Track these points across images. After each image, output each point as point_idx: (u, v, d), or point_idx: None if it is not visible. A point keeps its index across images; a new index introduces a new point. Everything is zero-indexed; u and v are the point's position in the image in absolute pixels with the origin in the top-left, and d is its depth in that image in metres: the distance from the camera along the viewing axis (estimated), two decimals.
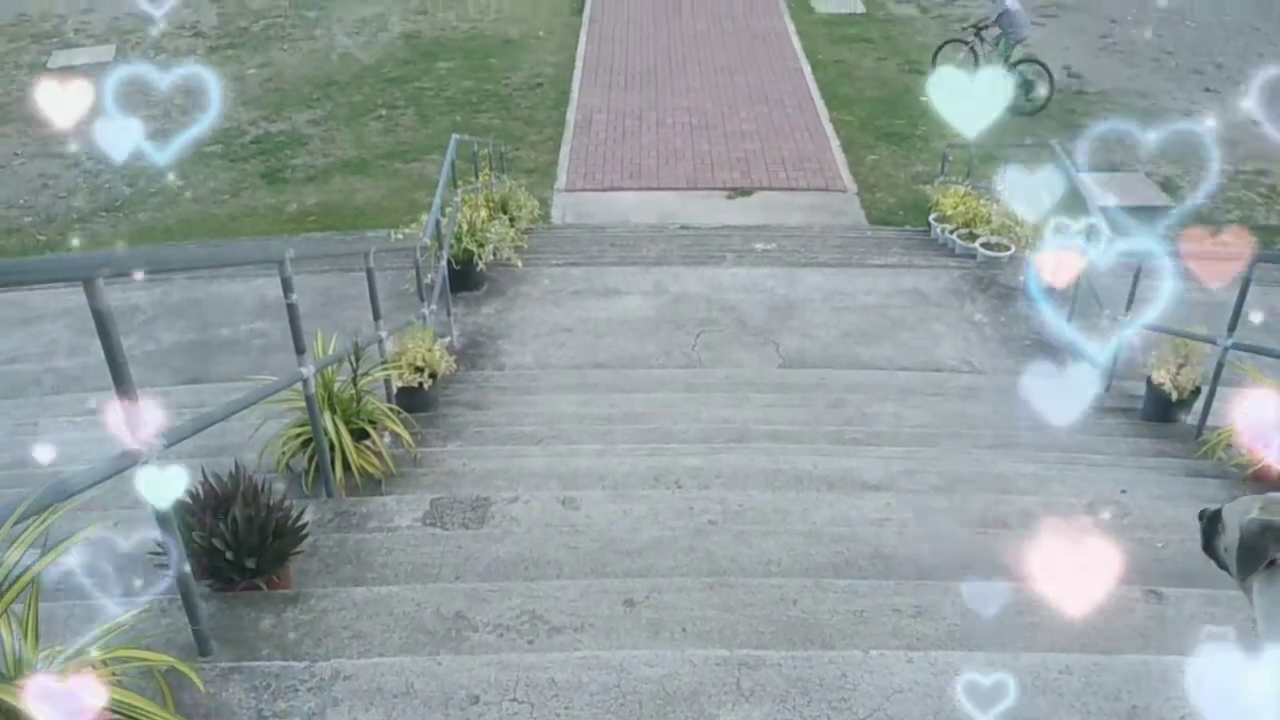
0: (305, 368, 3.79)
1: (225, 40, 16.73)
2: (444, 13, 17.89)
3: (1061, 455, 5.10)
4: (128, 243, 10.98)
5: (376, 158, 12.89)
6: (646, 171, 12.66)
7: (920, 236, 10.53)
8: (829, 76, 15.12)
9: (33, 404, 6.65)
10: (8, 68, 15.73)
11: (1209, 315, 7.22)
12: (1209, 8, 17.41)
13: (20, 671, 2.26)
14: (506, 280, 8.73)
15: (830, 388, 6.71)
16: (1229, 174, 12.37)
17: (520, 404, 6.21)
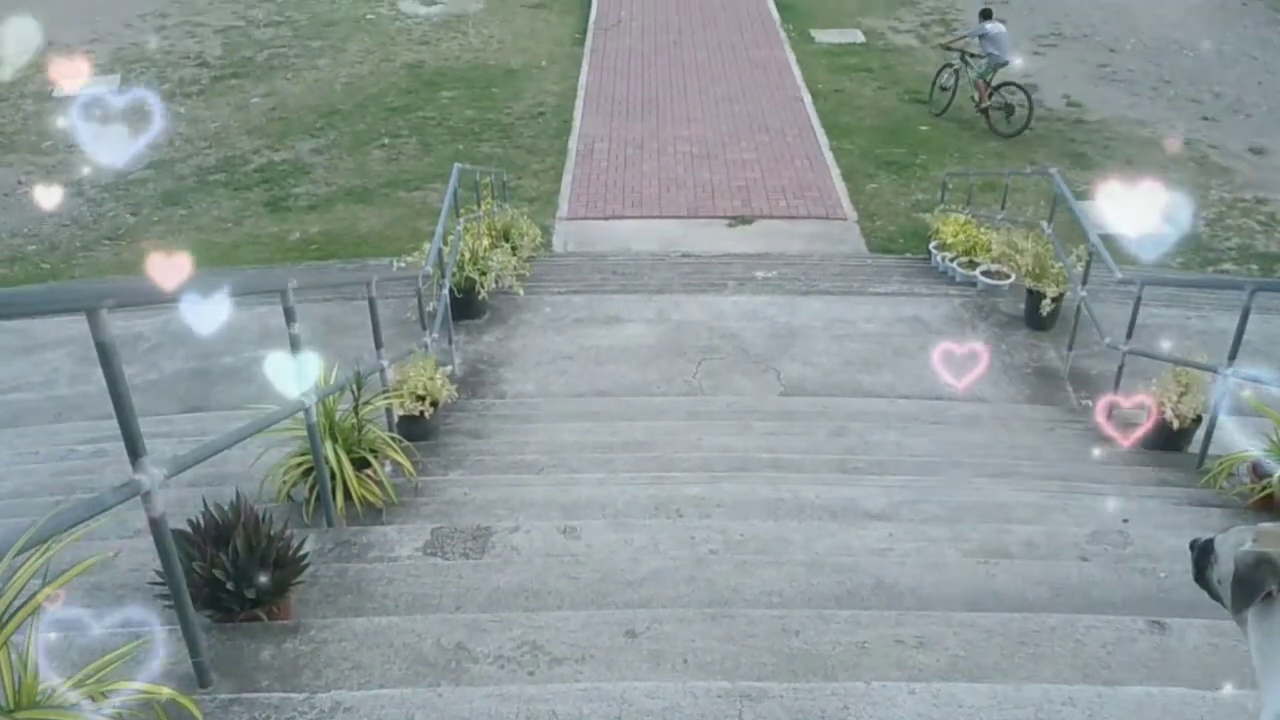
0: (307, 397, 3.80)
1: (229, 70, 16.87)
2: (447, 43, 18.06)
3: (1063, 484, 5.10)
4: (131, 271, 11.02)
5: (379, 186, 12.96)
6: (648, 200, 12.73)
7: (920, 264, 10.56)
8: (829, 106, 15.23)
9: (34, 432, 6.66)
10: (14, 97, 15.85)
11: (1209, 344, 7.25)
12: (1207, 38, 17.55)
13: (21, 704, 2.25)
14: (508, 308, 8.75)
15: (832, 416, 6.71)
16: (1227, 202, 12.43)
17: (521, 432, 6.20)
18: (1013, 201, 10.26)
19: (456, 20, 19.25)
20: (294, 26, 18.95)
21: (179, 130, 14.69)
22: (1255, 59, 16.86)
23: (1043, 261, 8.22)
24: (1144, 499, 4.93)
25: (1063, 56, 17.09)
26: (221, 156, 13.88)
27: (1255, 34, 18.06)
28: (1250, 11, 19.27)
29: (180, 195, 12.84)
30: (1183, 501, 4.90)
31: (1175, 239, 10.15)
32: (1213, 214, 12.13)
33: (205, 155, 13.94)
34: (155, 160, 13.79)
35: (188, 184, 13.14)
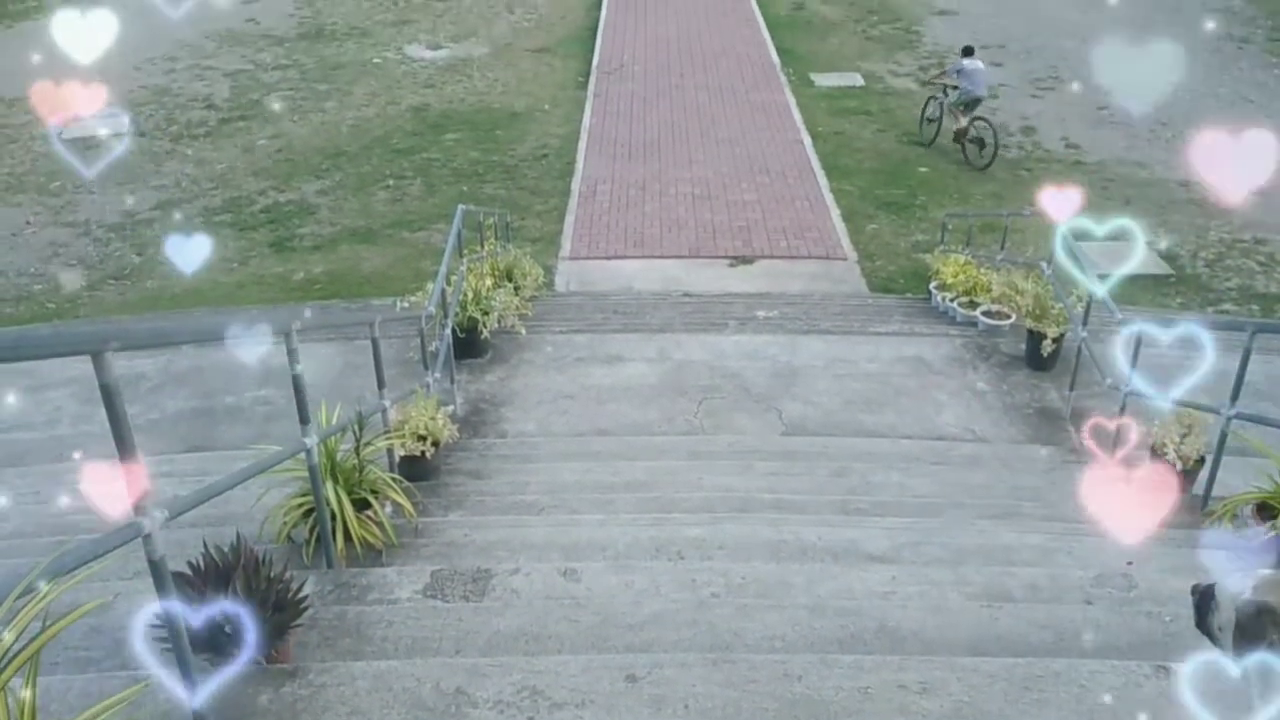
0: (309, 438, 3.81)
1: (237, 112, 17.06)
2: (452, 86, 18.28)
3: (1066, 525, 5.08)
4: (135, 311, 11.08)
5: (383, 227, 13.06)
6: (650, 240, 12.80)
7: (921, 304, 10.60)
8: (829, 148, 15.36)
9: (35, 472, 6.65)
10: (23, 139, 16.03)
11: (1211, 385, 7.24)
12: (1203, 82, 17.72)
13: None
14: (510, 347, 8.77)
15: (834, 456, 6.70)
16: (1227, 242, 12.49)
17: (522, 472, 6.20)
18: (1012, 242, 10.31)
19: (462, 64, 19.50)
20: (301, 70, 19.20)
21: (186, 171, 14.84)
22: (1251, 102, 17.02)
23: (1043, 302, 8.25)
24: (1148, 541, 4.90)
25: (1060, 99, 17.26)
26: (228, 197, 14.00)
27: (1251, 77, 18.25)
28: (1246, 55, 19.48)
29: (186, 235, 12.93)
30: (1187, 544, 4.87)
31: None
32: (1212, 255, 12.19)
33: (211, 196, 14.06)
34: (162, 201, 13.91)
35: (194, 224, 13.23)
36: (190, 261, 11.21)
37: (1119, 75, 17.46)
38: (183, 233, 12.44)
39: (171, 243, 11.91)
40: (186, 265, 11.23)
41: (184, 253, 11.38)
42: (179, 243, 11.92)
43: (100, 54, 17.75)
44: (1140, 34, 18.07)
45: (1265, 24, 21.04)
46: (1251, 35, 20.37)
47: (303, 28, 21.94)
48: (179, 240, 12.07)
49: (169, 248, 11.77)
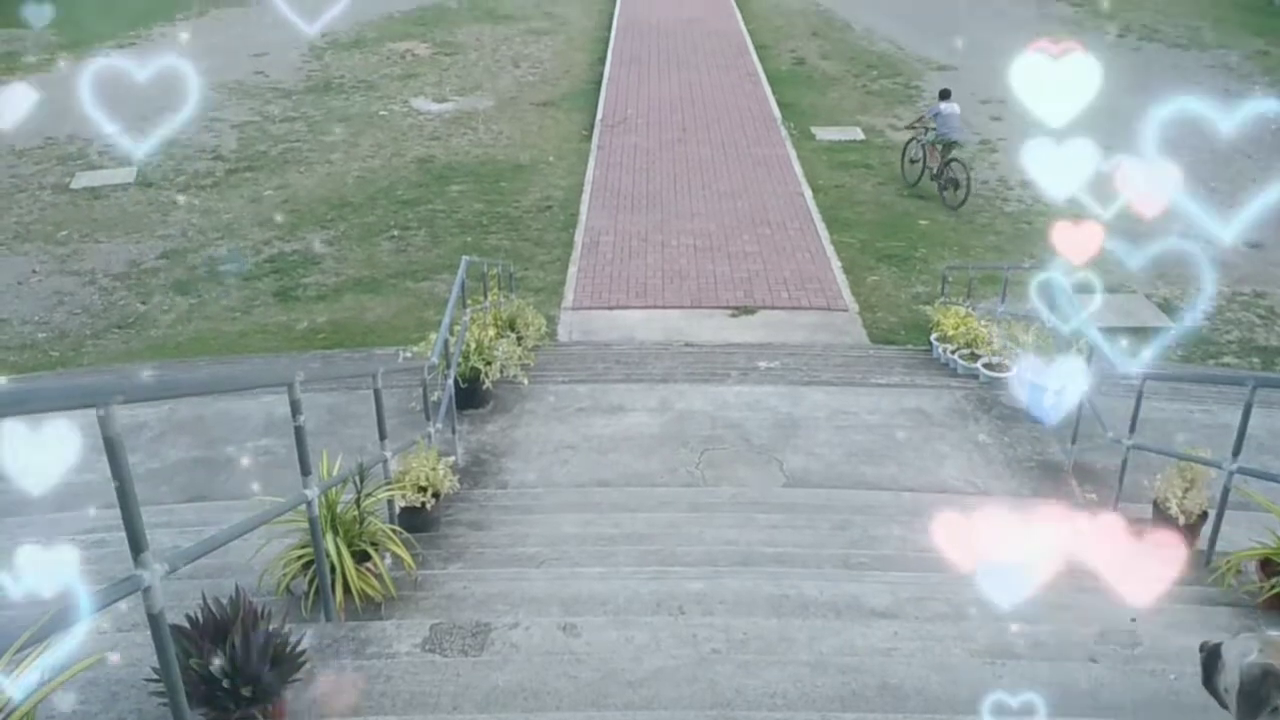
0: (310, 489, 3.81)
1: (244, 163, 17.27)
2: (458, 139, 18.51)
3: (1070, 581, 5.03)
4: (139, 360, 11.12)
5: (388, 277, 13.14)
6: (652, 290, 12.88)
7: (922, 356, 10.62)
8: (829, 200, 15.50)
9: (35, 521, 6.62)
10: (32, 188, 16.21)
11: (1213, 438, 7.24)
12: (1199, 137, 17.90)
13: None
14: (512, 398, 8.78)
15: (836, 508, 6.68)
16: (1226, 295, 12.54)
17: (522, 524, 6.18)
18: (1013, 294, 10.36)
19: (467, 117, 19.76)
20: (309, 122, 19.45)
21: (192, 221, 14.98)
22: (1250, 158, 17.19)
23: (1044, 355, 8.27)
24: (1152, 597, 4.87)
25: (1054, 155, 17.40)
26: (233, 247, 14.11)
27: (1248, 134, 18.44)
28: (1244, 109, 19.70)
29: (191, 285, 13.03)
30: (1191, 600, 4.84)
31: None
32: (1212, 307, 12.23)
33: (217, 245, 14.18)
34: (168, 250, 14.03)
35: (199, 274, 13.33)
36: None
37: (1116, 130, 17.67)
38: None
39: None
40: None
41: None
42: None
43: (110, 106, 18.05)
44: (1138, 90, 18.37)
45: (1262, 80, 21.34)
46: (1248, 91, 20.63)
47: (310, 81, 22.27)
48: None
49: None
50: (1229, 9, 24.98)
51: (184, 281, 13.12)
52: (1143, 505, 6.27)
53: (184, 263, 13.68)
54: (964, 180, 15.02)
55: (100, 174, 16.76)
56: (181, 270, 13.46)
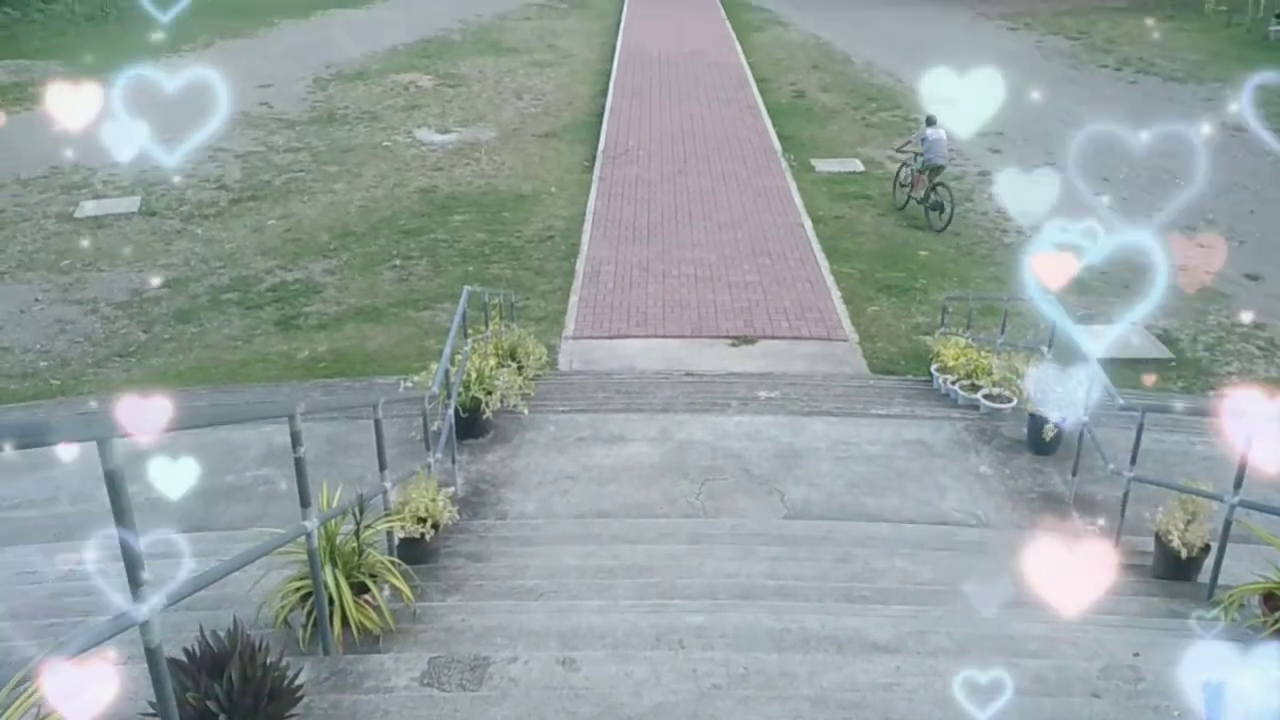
0: (309, 521, 3.80)
1: (248, 193, 17.37)
2: (460, 169, 18.63)
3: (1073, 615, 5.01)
4: (140, 388, 11.11)
5: (389, 306, 13.17)
6: (653, 320, 12.90)
7: (922, 386, 10.62)
8: (829, 231, 15.57)
9: (33, 551, 6.61)
10: (36, 217, 16.29)
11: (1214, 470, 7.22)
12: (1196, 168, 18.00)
13: None
14: (512, 427, 8.78)
15: (837, 541, 6.65)
16: (1226, 327, 12.56)
17: (522, 555, 6.16)
18: (1012, 325, 10.38)
19: (470, 148, 19.90)
20: (312, 152, 19.59)
21: (195, 250, 15.04)
22: (1246, 188, 17.28)
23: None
24: (1154, 631, 4.85)
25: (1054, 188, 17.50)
26: (235, 276, 14.16)
27: (1245, 164, 18.54)
28: (1239, 142, 19.84)
29: (193, 313, 13.06)
30: (1194, 634, 4.81)
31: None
32: (1212, 339, 12.25)
33: (219, 274, 14.23)
34: (170, 279, 14.07)
35: (200, 302, 13.37)
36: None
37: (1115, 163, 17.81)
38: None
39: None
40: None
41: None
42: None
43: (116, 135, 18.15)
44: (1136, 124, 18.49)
45: (1258, 114, 21.47)
46: (1245, 124, 20.75)
47: (315, 112, 22.46)
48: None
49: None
50: (1226, 44, 25.23)
51: (186, 310, 13.15)
52: (1145, 538, 6.26)
53: (186, 291, 13.72)
54: (948, 204, 15.42)
55: (104, 203, 16.85)
56: (184, 299, 13.50)
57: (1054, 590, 4.26)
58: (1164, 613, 5.23)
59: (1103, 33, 28.95)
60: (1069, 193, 16.70)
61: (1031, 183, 13.86)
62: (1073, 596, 4.24)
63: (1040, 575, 4.33)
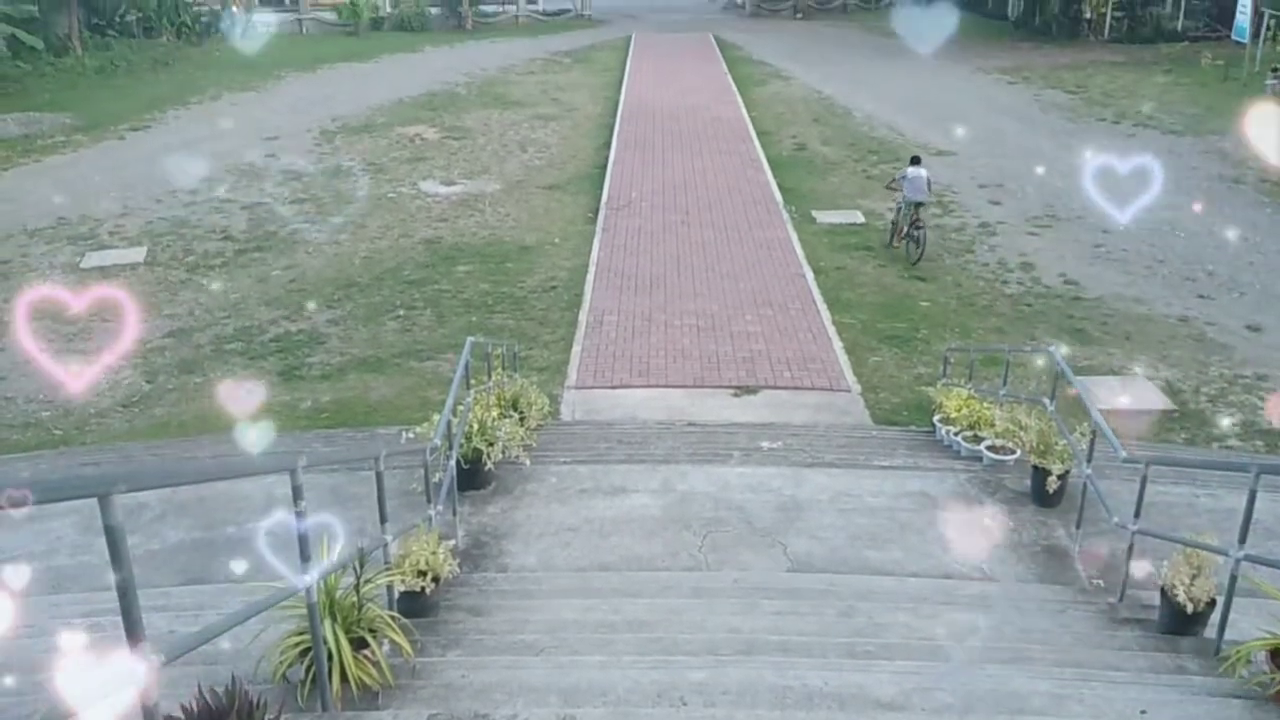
0: (309, 575, 3.79)
1: (253, 244, 17.52)
2: (465, 220, 18.80)
3: (1077, 671, 4.97)
4: (142, 439, 11.14)
5: (392, 356, 13.22)
6: (655, 370, 12.92)
7: (925, 437, 10.60)
8: (831, 282, 15.65)
9: (31, 604, 6.57)
10: (43, 268, 16.43)
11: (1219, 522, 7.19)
12: (1196, 219, 18.17)
13: None
14: (514, 478, 8.76)
15: (840, 594, 6.60)
16: (1228, 378, 12.56)
17: (522, 609, 6.11)
18: (1014, 376, 10.39)
19: (474, 199, 20.10)
20: (318, 203, 19.80)
21: (200, 300, 15.14)
22: (1246, 239, 17.38)
23: (1047, 438, 8.26)
24: (1161, 688, 4.79)
25: (1058, 237, 17.67)
26: (239, 326, 14.23)
27: (1244, 215, 18.69)
28: (1238, 193, 20.02)
29: (196, 364, 13.10)
30: (1201, 691, 4.76)
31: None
32: (1214, 390, 12.24)
33: (224, 325, 14.30)
34: (174, 329, 14.15)
35: (204, 353, 13.42)
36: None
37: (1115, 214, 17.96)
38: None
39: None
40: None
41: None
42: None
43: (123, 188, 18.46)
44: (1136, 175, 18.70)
45: (1255, 165, 21.68)
46: (1243, 176, 20.97)
47: (321, 163, 22.72)
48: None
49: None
50: (1223, 97, 25.53)
51: (189, 360, 13.20)
52: (1150, 592, 6.21)
53: (190, 341, 13.79)
54: (922, 241, 16.22)
55: (110, 254, 17.00)
56: (188, 349, 13.56)
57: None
58: (1170, 669, 5.17)
59: (1100, 86, 29.33)
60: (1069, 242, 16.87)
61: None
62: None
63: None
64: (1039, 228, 18.11)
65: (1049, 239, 17.56)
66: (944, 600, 6.60)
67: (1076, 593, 6.90)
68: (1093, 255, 16.79)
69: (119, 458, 10.42)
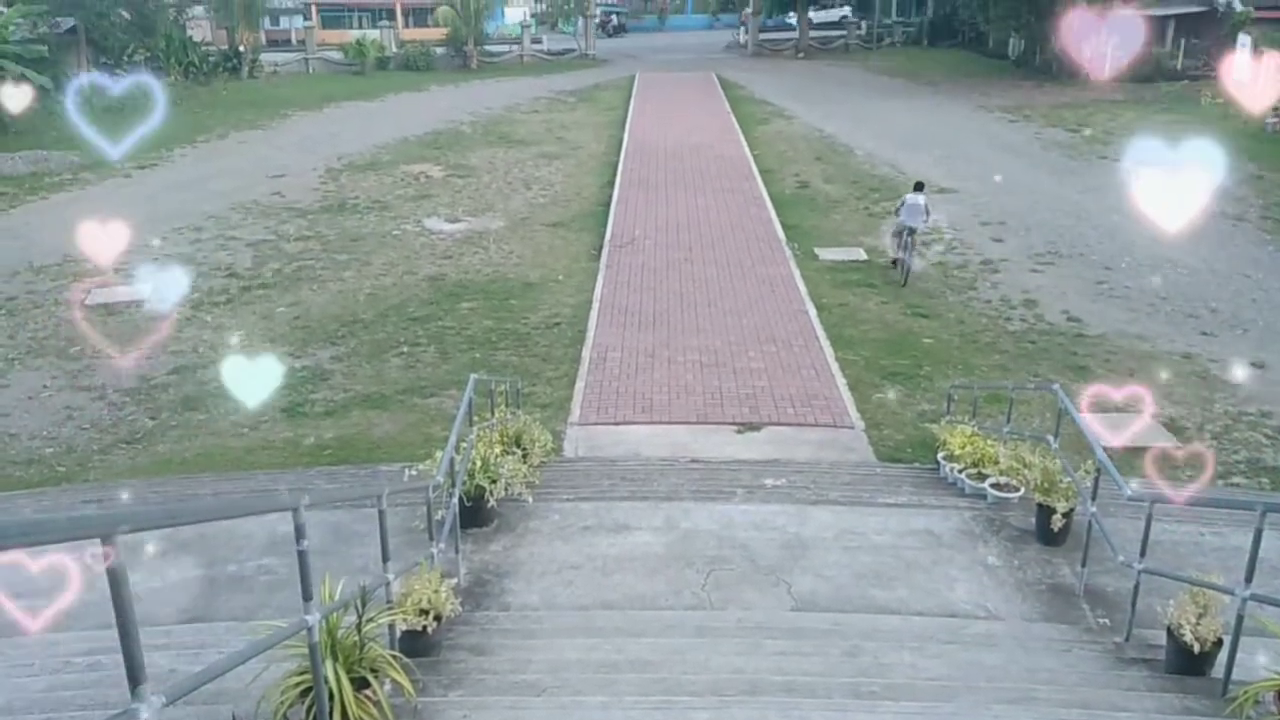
0: (311, 615, 3.77)
1: (258, 281, 17.62)
2: (469, 258, 18.90)
3: (1084, 711, 4.93)
4: (145, 475, 11.13)
5: (396, 393, 13.23)
6: (658, 406, 12.92)
7: (929, 474, 10.57)
8: (834, 319, 15.69)
9: (31, 642, 6.54)
10: (47, 305, 16.52)
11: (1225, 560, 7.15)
12: (1198, 257, 18.23)
13: None
14: (516, 516, 8.73)
15: (845, 634, 6.56)
16: (1233, 415, 12.53)
17: (524, 649, 6.07)
18: (1018, 413, 10.39)
19: (479, 237, 20.23)
20: (323, 241, 19.93)
21: (204, 338, 15.19)
22: (1248, 277, 17.43)
23: (1051, 476, 8.23)
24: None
25: (1061, 274, 17.72)
26: None
27: (1246, 253, 18.76)
28: (1240, 231, 20.09)
29: (200, 400, 13.12)
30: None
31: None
32: (1219, 427, 12.21)
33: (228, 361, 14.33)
34: (178, 366, 14.18)
35: (208, 389, 13.44)
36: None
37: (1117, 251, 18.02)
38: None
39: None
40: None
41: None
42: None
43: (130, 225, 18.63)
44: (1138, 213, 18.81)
45: (1257, 203, 21.80)
46: (1245, 214, 21.07)
47: (326, 201, 22.92)
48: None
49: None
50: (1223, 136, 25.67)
51: (193, 397, 13.22)
52: (1156, 631, 6.16)
53: (194, 378, 13.82)
54: (906, 263, 17.33)
55: (116, 290, 17.09)
56: (191, 386, 13.59)
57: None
58: (1178, 709, 5.12)
59: (1100, 125, 29.57)
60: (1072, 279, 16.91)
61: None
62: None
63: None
64: (1042, 265, 18.18)
65: (1052, 276, 17.61)
66: (949, 639, 6.56)
67: (1082, 632, 6.85)
68: (1095, 292, 16.83)
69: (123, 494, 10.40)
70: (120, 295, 16.89)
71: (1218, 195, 21.95)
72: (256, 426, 12.43)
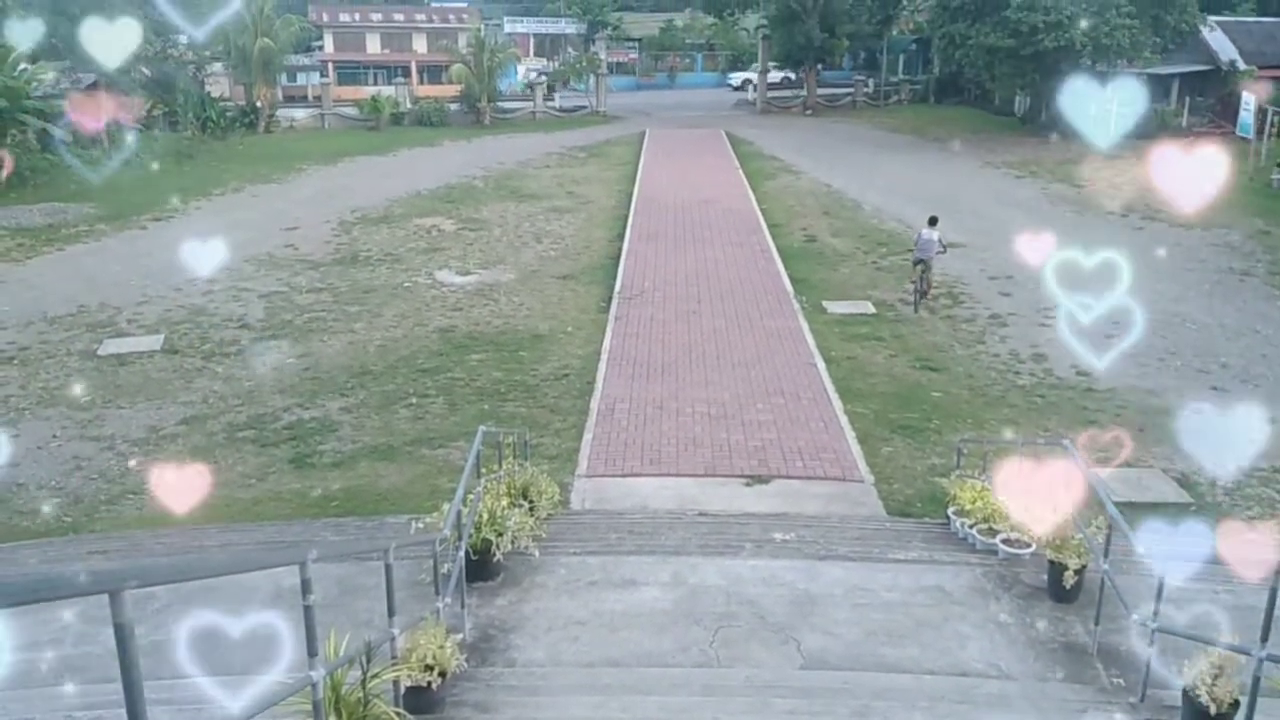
0: (315, 671, 3.75)
1: (269, 332, 17.73)
2: (479, 310, 19.01)
3: None
4: (151, 527, 11.10)
5: (404, 444, 13.23)
6: (666, 458, 12.88)
7: (940, 529, 10.48)
8: (842, 372, 15.68)
9: (33, 695, 6.49)
10: (60, 355, 16.63)
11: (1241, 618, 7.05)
12: (1207, 312, 18.23)
13: None
14: (523, 569, 8.67)
15: (855, 693, 6.47)
16: (1246, 470, 12.43)
17: (529, 706, 6.00)
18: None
19: (489, 289, 20.36)
20: (334, 293, 20.09)
21: (214, 388, 15.25)
22: (1258, 332, 17.40)
23: (1062, 532, 8.16)
24: None
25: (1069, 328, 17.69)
26: (252, 414, 14.30)
27: (1254, 308, 18.76)
28: (1249, 286, 20.12)
29: (208, 451, 13.13)
30: None
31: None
32: (1231, 483, 12.11)
33: (237, 412, 14.38)
34: (188, 416, 14.23)
35: (216, 440, 13.47)
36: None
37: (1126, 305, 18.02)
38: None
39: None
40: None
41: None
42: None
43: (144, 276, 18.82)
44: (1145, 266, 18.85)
45: (1265, 258, 21.85)
46: (1252, 269, 21.11)
47: (339, 254, 23.13)
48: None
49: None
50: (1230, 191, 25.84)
51: (201, 448, 13.24)
52: (1172, 691, 6.06)
53: (203, 429, 13.85)
54: (919, 294, 18.67)
55: (128, 341, 17.22)
56: (200, 437, 13.61)
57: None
58: None
59: (1107, 179, 29.75)
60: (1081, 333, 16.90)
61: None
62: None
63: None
64: (1050, 319, 18.17)
65: (1060, 329, 17.59)
66: (961, 699, 6.46)
67: (1096, 692, 6.74)
68: (1104, 346, 16.79)
69: (128, 545, 10.38)
70: (133, 345, 17.00)
71: (1224, 250, 22.03)
72: (264, 477, 12.43)
